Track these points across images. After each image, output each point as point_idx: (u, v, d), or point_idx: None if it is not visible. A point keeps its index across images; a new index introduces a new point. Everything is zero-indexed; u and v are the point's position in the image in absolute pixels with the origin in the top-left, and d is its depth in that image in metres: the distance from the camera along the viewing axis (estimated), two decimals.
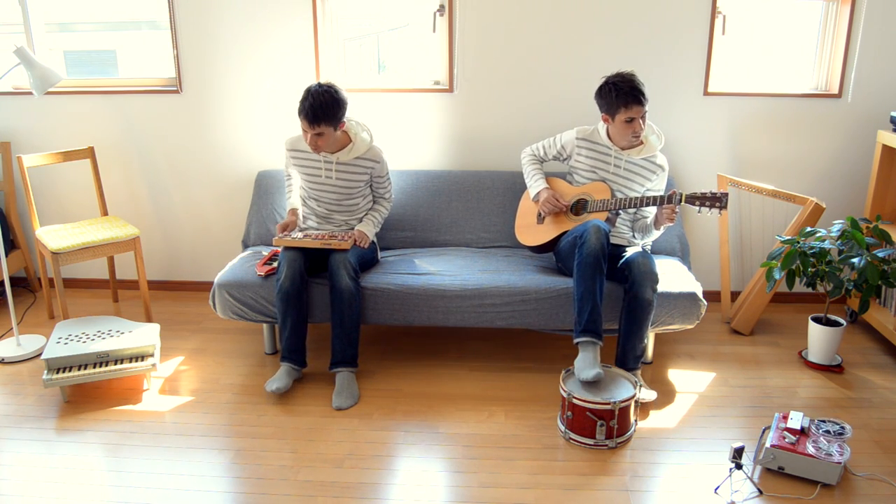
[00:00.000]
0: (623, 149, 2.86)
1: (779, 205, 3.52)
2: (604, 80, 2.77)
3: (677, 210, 2.73)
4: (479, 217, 3.34)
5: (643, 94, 2.69)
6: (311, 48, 3.42)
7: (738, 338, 3.27)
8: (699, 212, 2.64)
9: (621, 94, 2.69)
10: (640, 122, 2.74)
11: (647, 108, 2.74)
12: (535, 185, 2.99)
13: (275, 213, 3.36)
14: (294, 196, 3.06)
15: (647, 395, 2.64)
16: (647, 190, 2.89)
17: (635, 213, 2.92)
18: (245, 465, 2.30)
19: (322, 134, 2.71)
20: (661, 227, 2.80)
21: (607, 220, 2.77)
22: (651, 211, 2.88)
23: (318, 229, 2.97)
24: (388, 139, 3.54)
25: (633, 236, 2.92)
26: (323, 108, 2.66)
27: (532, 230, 3.00)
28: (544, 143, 3.05)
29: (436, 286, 2.81)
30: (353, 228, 2.98)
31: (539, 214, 3.00)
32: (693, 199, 2.62)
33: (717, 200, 2.57)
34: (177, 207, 3.72)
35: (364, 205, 3.01)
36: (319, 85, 2.70)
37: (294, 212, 2.98)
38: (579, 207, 2.89)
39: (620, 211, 2.88)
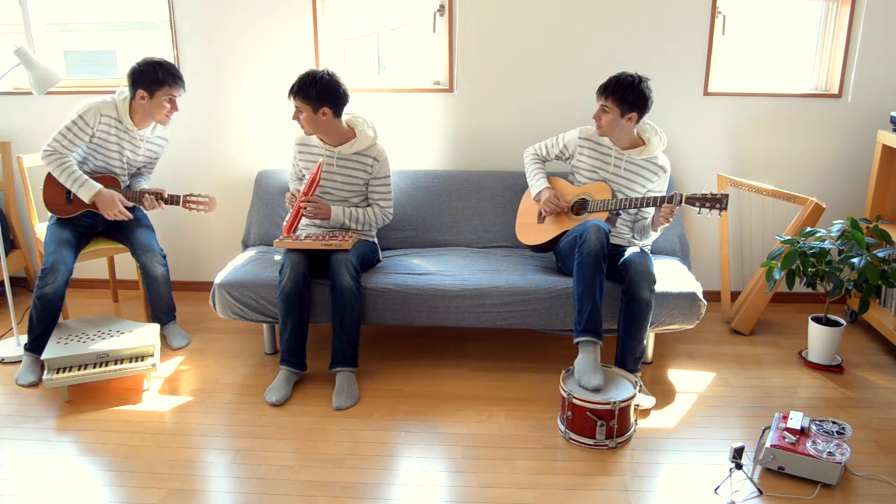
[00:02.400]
0: (624, 149, 2.86)
1: (779, 205, 3.52)
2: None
3: (676, 210, 2.73)
4: (479, 217, 3.34)
5: (607, 88, 2.73)
6: (311, 48, 3.42)
7: (738, 338, 3.27)
8: (699, 213, 2.64)
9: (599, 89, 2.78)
10: (601, 112, 2.77)
11: (610, 101, 2.73)
12: (536, 184, 2.99)
13: (275, 213, 3.35)
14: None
15: (646, 401, 2.63)
16: (649, 191, 2.89)
17: (636, 213, 2.92)
18: (245, 465, 2.29)
19: (301, 111, 2.80)
20: (659, 229, 2.79)
21: (608, 220, 2.77)
22: (651, 212, 2.88)
23: (319, 227, 2.98)
24: (388, 139, 3.54)
25: (633, 237, 2.92)
26: (301, 83, 2.76)
27: (533, 229, 3.01)
28: (547, 142, 3.05)
29: (436, 286, 2.81)
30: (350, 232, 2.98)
31: (540, 214, 3.00)
32: (693, 200, 2.61)
33: (717, 202, 2.57)
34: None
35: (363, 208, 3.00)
36: (323, 69, 2.79)
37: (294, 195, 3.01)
38: (580, 207, 2.89)
39: (621, 211, 2.88)
